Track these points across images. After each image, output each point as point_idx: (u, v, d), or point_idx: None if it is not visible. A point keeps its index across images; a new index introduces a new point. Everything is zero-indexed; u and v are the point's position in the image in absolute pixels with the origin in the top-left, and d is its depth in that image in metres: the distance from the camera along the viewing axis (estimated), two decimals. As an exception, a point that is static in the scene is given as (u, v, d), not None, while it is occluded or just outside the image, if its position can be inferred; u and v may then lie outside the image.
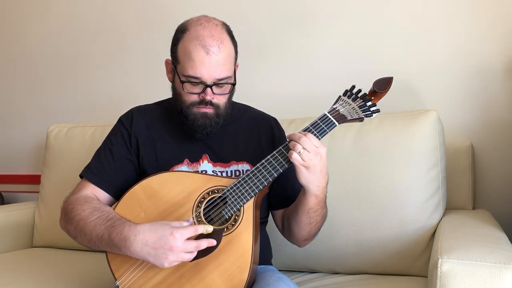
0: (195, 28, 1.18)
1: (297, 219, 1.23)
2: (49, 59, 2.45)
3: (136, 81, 2.24)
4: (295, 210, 1.23)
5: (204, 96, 1.18)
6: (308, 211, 1.19)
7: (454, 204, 1.59)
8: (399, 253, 1.45)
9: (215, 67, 1.16)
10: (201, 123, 1.21)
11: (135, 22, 2.24)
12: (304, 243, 1.31)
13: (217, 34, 1.18)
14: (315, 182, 1.13)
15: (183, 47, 1.18)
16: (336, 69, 1.87)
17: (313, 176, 1.11)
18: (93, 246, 1.15)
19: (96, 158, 1.30)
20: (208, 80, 1.17)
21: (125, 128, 1.30)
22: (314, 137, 1.10)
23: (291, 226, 1.27)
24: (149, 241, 1.04)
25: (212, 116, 1.21)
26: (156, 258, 1.04)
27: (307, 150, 1.08)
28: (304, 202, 1.18)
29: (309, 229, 1.24)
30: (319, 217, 1.22)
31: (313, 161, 1.09)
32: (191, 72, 1.16)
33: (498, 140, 1.67)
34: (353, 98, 1.17)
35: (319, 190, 1.15)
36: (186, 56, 1.17)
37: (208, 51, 1.15)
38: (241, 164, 1.27)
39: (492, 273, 0.97)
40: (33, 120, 2.49)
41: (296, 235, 1.28)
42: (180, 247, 1.03)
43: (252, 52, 1.98)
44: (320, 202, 1.19)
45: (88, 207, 1.17)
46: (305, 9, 1.92)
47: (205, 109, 1.20)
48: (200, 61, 1.15)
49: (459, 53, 1.70)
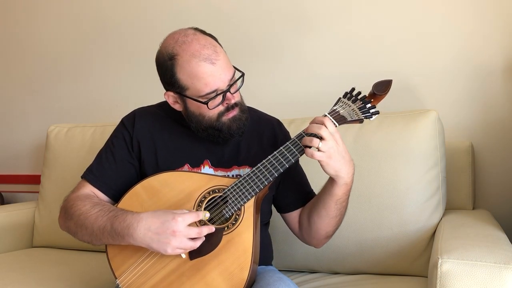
0: (183, 48, 1.14)
1: (323, 213, 1.21)
2: (49, 59, 2.45)
3: (136, 81, 2.24)
4: (321, 204, 1.21)
5: (228, 102, 1.17)
6: (336, 202, 1.18)
7: (454, 204, 1.59)
8: (399, 253, 1.45)
9: (223, 70, 1.14)
10: (236, 126, 1.20)
11: (135, 22, 2.24)
12: (325, 240, 1.28)
13: (204, 41, 1.15)
14: (344, 169, 1.12)
15: (184, 73, 1.14)
16: (336, 69, 1.87)
17: (339, 163, 1.10)
18: (94, 239, 1.14)
19: (98, 160, 1.29)
20: (224, 86, 1.15)
21: (127, 130, 1.29)
22: (330, 122, 1.09)
23: (314, 222, 1.24)
24: (152, 226, 1.05)
25: (240, 115, 1.20)
26: (159, 244, 1.05)
27: (325, 138, 1.07)
28: (333, 193, 1.16)
29: (335, 223, 1.23)
30: (343, 209, 1.22)
31: (333, 148, 1.08)
32: (207, 89, 1.14)
33: (498, 140, 1.67)
34: (353, 100, 1.18)
35: (349, 178, 1.14)
36: (194, 79, 1.14)
37: (212, 61, 1.13)
38: (243, 169, 1.27)
39: (492, 273, 0.97)
40: (33, 120, 2.50)
41: (319, 232, 1.25)
42: (182, 231, 1.04)
43: (252, 52, 1.98)
44: (348, 191, 1.18)
45: (88, 203, 1.17)
46: (305, 9, 1.92)
47: (233, 113, 1.19)
48: (210, 75, 1.13)
49: (459, 53, 1.71)
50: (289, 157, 1.12)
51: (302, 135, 1.13)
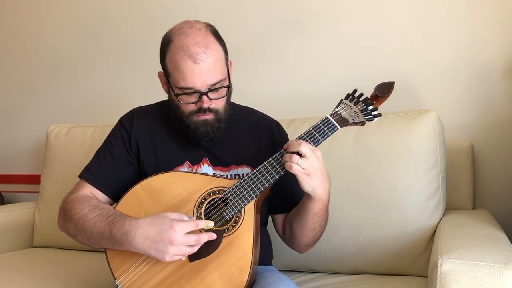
0: (179, 38, 1.15)
1: (302, 225, 1.22)
2: (49, 59, 2.45)
3: (136, 81, 2.24)
4: (299, 216, 1.22)
5: (201, 104, 1.17)
6: (314, 216, 1.18)
7: (454, 204, 1.59)
8: (399, 253, 1.45)
9: (206, 74, 1.14)
10: (203, 130, 1.20)
11: (135, 22, 2.24)
12: (306, 249, 1.30)
13: (201, 39, 1.15)
14: (321, 186, 1.12)
15: (170, 60, 1.16)
16: (336, 69, 1.87)
17: (317, 181, 1.11)
18: (93, 243, 1.14)
19: (96, 159, 1.29)
20: (202, 88, 1.15)
21: (125, 129, 1.29)
22: (306, 143, 1.09)
23: (294, 232, 1.26)
24: (150, 234, 1.05)
25: (213, 121, 1.20)
26: (157, 252, 1.05)
27: (306, 156, 1.07)
28: (309, 208, 1.17)
29: (313, 235, 1.24)
30: (322, 222, 1.22)
31: (313, 166, 1.08)
32: (183, 83, 1.14)
33: (498, 140, 1.67)
34: (355, 102, 1.17)
35: (325, 194, 1.15)
36: (175, 69, 1.15)
37: (195, 60, 1.12)
38: (241, 168, 1.26)
39: (492, 273, 0.97)
40: (33, 120, 2.49)
41: (299, 241, 1.27)
42: (180, 240, 1.03)
43: (252, 52, 1.98)
44: (325, 206, 1.18)
45: (87, 205, 1.17)
46: (305, 10, 1.92)
47: (205, 116, 1.19)
48: (190, 71, 1.13)
49: (459, 53, 1.70)
50: None
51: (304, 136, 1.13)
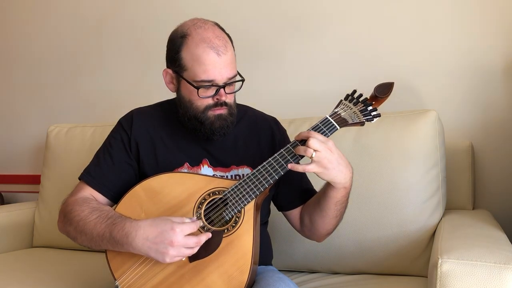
0: (197, 31, 1.17)
1: (323, 214, 1.22)
2: (49, 59, 2.45)
3: (136, 81, 2.24)
4: (320, 206, 1.22)
5: (219, 98, 1.18)
6: (336, 204, 1.19)
7: (454, 204, 1.59)
8: (399, 253, 1.45)
9: (226, 67, 1.16)
10: (219, 125, 1.20)
11: (135, 22, 2.24)
12: (326, 236, 1.30)
13: (220, 34, 1.18)
14: (340, 175, 1.12)
15: (189, 53, 1.16)
16: (336, 69, 1.87)
17: (334, 171, 1.10)
18: (94, 245, 1.14)
19: (95, 161, 1.28)
20: (221, 81, 1.16)
21: (124, 131, 1.28)
22: (317, 133, 1.10)
23: (315, 221, 1.25)
24: (150, 236, 1.05)
25: (227, 116, 1.20)
26: (157, 253, 1.05)
27: (317, 150, 1.07)
28: (332, 196, 1.17)
29: (335, 222, 1.24)
30: (343, 209, 1.23)
31: (327, 158, 1.08)
32: (204, 76, 1.15)
33: (498, 140, 1.67)
34: (354, 103, 1.17)
35: (347, 182, 1.15)
36: (195, 61, 1.15)
37: (218, 52, 1.14)
38: (242, 168, 1.27)
39: (492, 273, 0.97)
40: (33, 120, 2.50)
41: (320, 230, 1.26)
42: (180, 242, 1.04)
43: (253, 52, 1.98)
44: (347, 193, 1.19)
45: (87, 208, 1.17)
46: (305, 10, 1.92)
47: (220, 111, 1.19)
48: (212, 64, 1.14)
49: (459, 53, 1.70)
50: (290, 159, 1.12)
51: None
